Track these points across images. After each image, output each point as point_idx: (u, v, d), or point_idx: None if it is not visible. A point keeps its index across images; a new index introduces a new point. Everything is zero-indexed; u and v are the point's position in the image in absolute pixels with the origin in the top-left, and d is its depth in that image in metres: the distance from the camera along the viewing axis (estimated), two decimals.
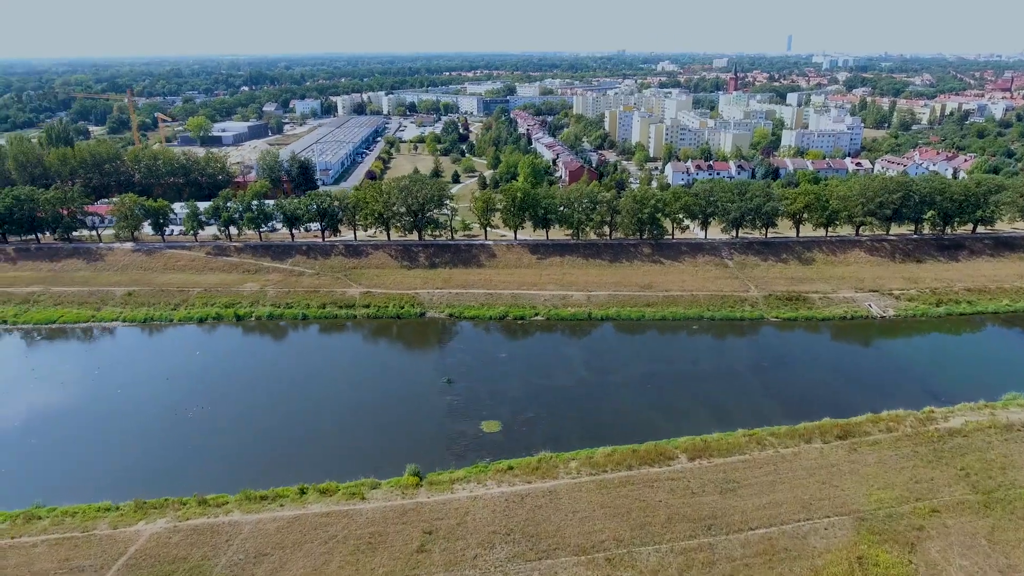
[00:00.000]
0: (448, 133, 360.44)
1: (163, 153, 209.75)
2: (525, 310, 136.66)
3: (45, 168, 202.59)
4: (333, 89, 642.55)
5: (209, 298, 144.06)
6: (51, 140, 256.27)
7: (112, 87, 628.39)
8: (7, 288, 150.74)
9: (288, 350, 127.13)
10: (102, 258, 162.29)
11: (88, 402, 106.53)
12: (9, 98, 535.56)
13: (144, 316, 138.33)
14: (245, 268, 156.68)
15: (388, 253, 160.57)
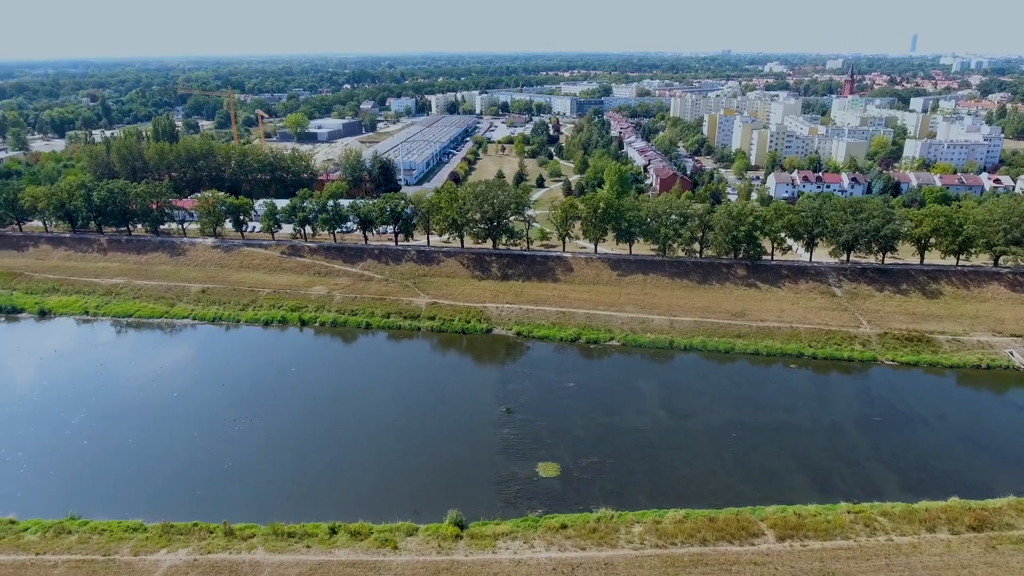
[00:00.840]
0: (537, 134, 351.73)
1: (251, 150, 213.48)
2: (600, 333, 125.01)
3: (145, 162, 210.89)
4: (429, 88, 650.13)
5: (277, 300, 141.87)
6: (157, 134, 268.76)
7: (226, 84, 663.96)
8: (94, 279, 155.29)
9: (345, 361, 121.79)
10: (184, 253, 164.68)
11: (144, 405, 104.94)
12: (135, 93, 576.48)
13: (213, 315, 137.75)
14: (316, 270, 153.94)
15: (460, 261, 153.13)
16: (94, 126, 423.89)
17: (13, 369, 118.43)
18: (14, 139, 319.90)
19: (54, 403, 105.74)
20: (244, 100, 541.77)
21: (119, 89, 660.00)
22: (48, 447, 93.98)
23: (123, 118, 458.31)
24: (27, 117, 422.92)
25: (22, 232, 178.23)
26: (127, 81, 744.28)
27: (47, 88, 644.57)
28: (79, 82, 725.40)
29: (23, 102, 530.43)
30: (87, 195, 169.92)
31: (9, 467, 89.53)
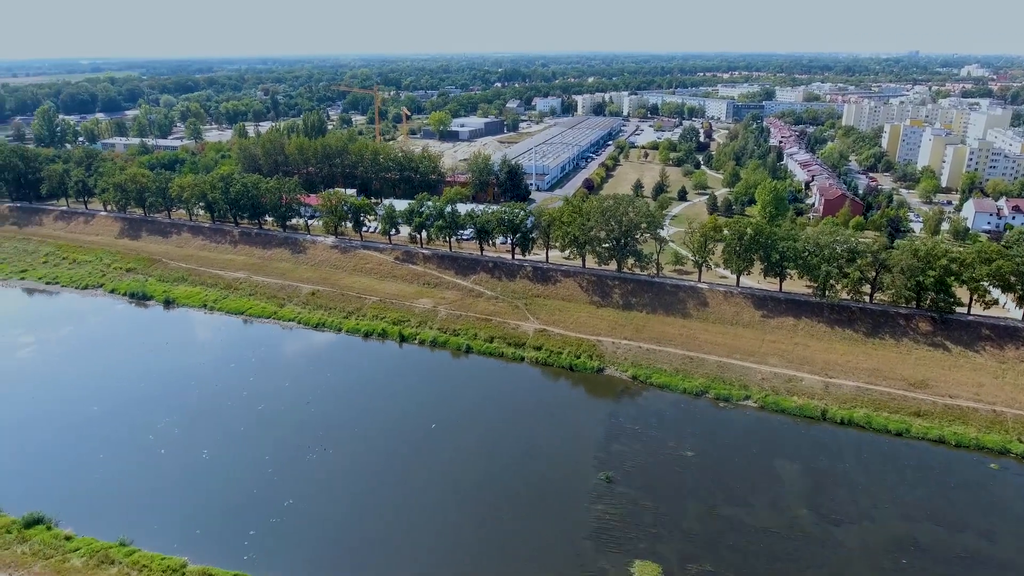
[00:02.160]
0: (685, 140, 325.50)
1: (383, 149, 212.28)
2: (733, 389, 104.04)
3: (286, 156, 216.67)
4: (577, 88, 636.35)
5: (381, 310, 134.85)
6: (306, 129, 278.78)
7: (385, 81, 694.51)
8: (220, 271, 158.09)
9: (437, 389, 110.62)
10: (304, 251, 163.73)
11: (229, 415, 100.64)
12: (303, 89, 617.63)
13: (317, 321, 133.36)
14: (426, 280, 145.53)
15: (578, 283, 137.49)
16: (263, 118, 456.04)
17: (123, 360, 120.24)
18: (190, 129, 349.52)
19: (148, 401, 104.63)
20: (398, 97, 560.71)
21: (293, 84, 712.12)
22: (127, 451, 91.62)
23: (289, 111, 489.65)
24: (208, 109, 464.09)
25: (170, 219, 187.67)
26: (300, 77, 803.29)
27: (233, 83, 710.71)
28: (261, 77, 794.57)
29: (211, 95, 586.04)
30: (225, 188, 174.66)
31: (87, 468, 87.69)
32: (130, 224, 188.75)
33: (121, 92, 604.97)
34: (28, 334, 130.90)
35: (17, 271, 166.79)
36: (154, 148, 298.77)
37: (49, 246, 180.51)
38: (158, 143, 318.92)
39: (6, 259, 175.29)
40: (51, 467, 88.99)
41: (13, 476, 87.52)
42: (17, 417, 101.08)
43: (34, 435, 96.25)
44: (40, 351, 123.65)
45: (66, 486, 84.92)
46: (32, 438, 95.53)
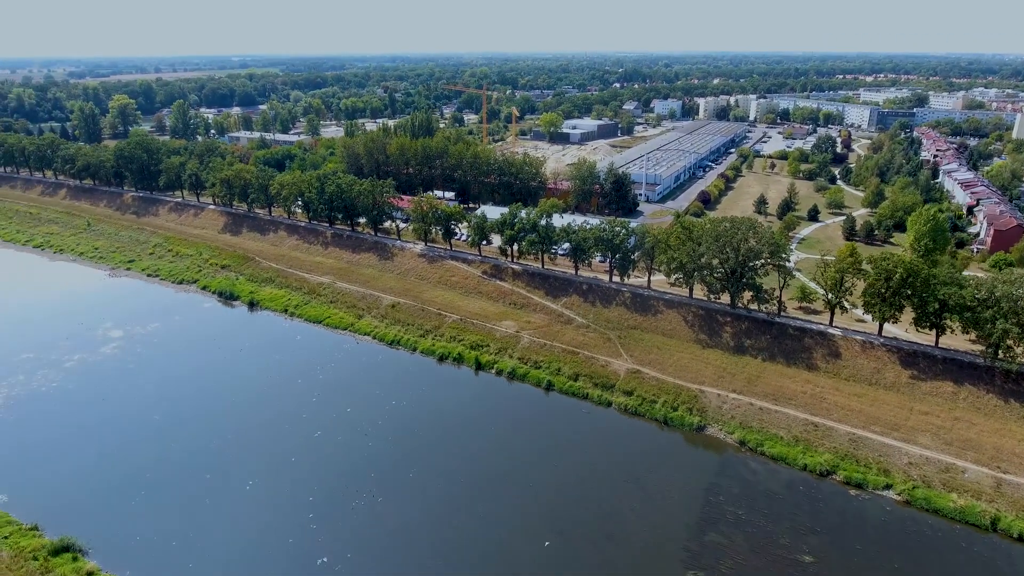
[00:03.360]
0: (820, 151, 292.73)
1: (483, 152, 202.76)
2: (869, 473, 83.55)
3: (387, 156, 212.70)
4: (700, 89, 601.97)
5: (460, 330, 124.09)
6: (414, 129, 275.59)
7: (502, 80, 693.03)
8: (307, 274, 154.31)
9: (505, 432, 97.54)
10: (392, 257, 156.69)
11: (286, 440, 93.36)
12: (422, 87, 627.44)
13: (393, 337, 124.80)
14: (512, 300, 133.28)
15: (683, 316, 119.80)
16: (379, 115, 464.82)
17: (196, 365, 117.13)
18: (308, 125, 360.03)
19: (208, 415, 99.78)
20: (513, 96, 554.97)
21: (414, 82, 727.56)
22: (174, 474, 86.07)
23: (405, 109, 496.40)
24: (330, 105, 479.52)
25: (270, 216, 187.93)
26: (422, 75, 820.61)
27: (358, 80, 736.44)
28: (385, 75, 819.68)
29: (336, 91, 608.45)
30: (320, 187, 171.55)
31: (130, 490, 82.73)
32: (233, 219, 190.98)
33: (257, 87, 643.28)
34: (118, 328, 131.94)
35: (126, 261, 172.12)
36: (272, 143, 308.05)
37: (159, 237, 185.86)
38: (277, 138, 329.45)
39: (120, 248, 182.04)
40: (97, 482, 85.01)
41: (63, 485, 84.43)
42: (81, 419, 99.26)
43: (91, 442, 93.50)
44: (123, 348, 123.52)
45: (105, 509, 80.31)
46: (88, 445, 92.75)
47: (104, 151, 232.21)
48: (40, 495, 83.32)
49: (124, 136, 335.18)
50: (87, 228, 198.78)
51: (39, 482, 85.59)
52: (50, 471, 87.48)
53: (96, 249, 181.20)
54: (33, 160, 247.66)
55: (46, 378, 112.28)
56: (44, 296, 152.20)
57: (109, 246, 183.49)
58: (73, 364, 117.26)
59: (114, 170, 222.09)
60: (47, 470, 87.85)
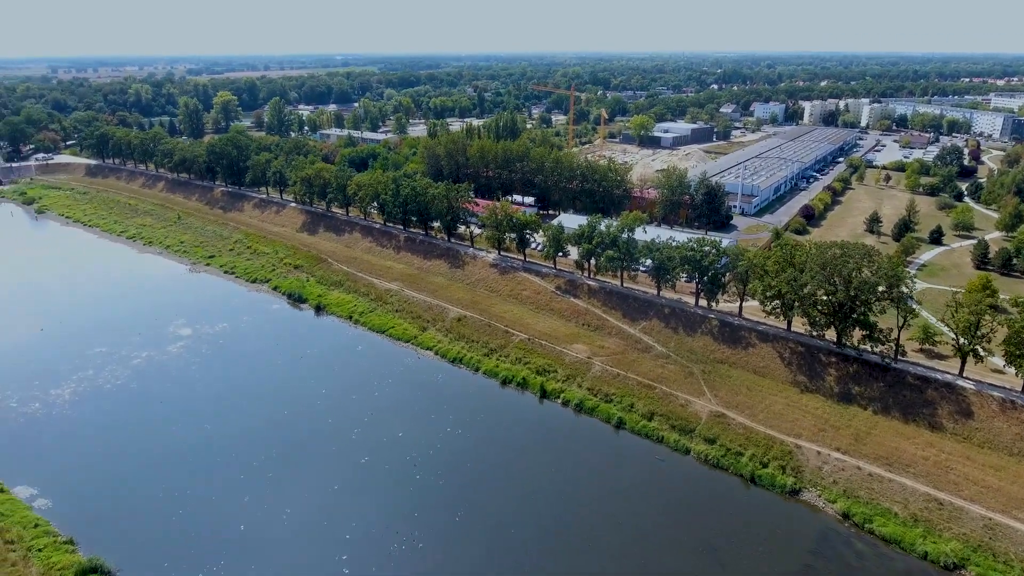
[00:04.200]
0: (943, 163, 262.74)
1: (565, 157, 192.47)
2: (1012, 573, 67.58)
3: (467, 158, 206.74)
4: (805, 92, 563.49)
5: (527, 352, 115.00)
6: (498, 130, 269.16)
7: (593, 80, 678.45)
8: (375, 279, 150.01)
9: (565, 478, 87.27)
10: (463, 265, 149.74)
11: (327, 468, 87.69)
12: (512, 87, 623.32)
13: (455, 355, 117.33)
14: (586, 320, 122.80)
15: (778, 353, 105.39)
16: (467, 115, 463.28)
17: (255, 372, 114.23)
18: (396, 124, 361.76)
19: (259, 428, 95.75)
20: (604, 97, 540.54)
21: (504, 82, 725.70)
22: (214, 493, 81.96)
23: (493, 109, 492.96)
24: (419, 104, 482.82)
25: (347, 216, 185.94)
26: (513, 74, 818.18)
27: (451, 79, 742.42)
28: (477, 74, 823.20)
29: (428, 90, 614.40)
30: (396, 190, 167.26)
31: (169, 507, 79.08)
32: (311, 218, 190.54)
33: (353, 86, 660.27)
34: (188, 326, 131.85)
35: (206, 256, 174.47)
36: (359, 141, 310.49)
37: (240, 233, 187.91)
38: (364, 136, 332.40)
39: (204, 242, 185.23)
40: (139, 497, 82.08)
41: (106, 496, 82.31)
42: (136, 423, 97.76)
43: (141, 450, 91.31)
44: (189, 348, 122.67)
45: (141, 526, 76.92)
46: (138, 454, 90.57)
47: (198, 146, 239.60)
48: (83, 503, 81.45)
49: (225, 131, 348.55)
50: (177, 221, 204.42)
51: (85, 489, 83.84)
52: (97, 478, 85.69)
53: (181, 243, 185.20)
54: (137, 153, 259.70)
55: (112, 375, 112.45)
56: (126, 289, 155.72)
57: (194, 240, 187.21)
58: (140, 362, 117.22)
59: (206, 165, 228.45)
60: (94, 476, 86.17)
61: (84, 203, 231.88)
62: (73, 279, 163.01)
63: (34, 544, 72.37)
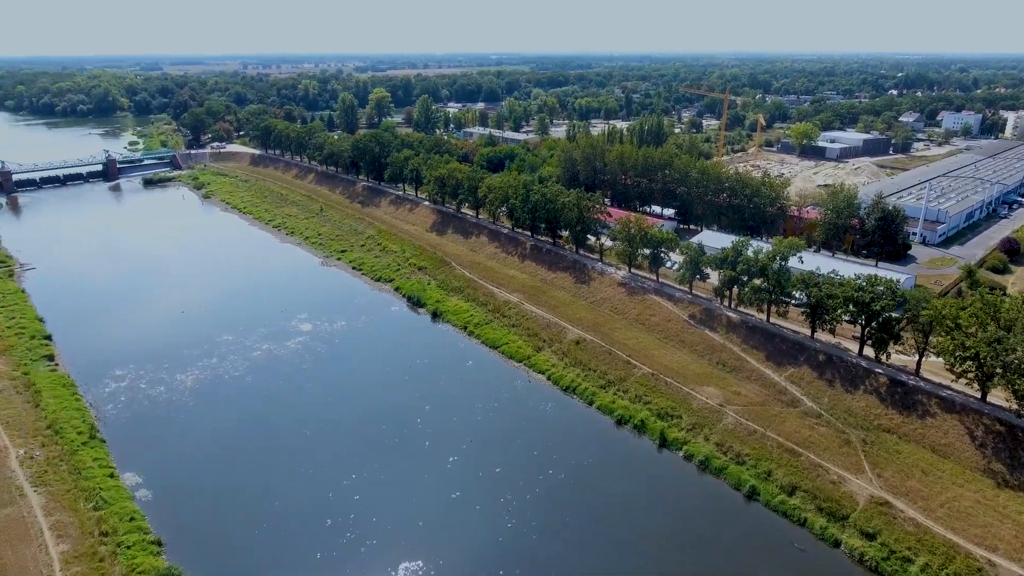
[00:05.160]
0: None
1: (713, 168, 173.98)
2: None
3: (605, 164, 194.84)
4: (1008, 100, 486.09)
5: (649, 389, 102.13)
6: (642, 134, 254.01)
7: (752, 83, 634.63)
8: (496, 287, 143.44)
9: (679, 554, 73.89)
10: (588, 281, 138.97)
11: (419, 503, 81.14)
12: (662, 88, 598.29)
13: (568, 383, 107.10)
14: (721, 358, 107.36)
15: (968, 429, 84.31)
16: (613, 117, 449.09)
17: (362, 379, 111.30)
18: (539, 124, 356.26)
19: (357, 442, 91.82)
20: (763, 101, 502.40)
21: (655, 83, 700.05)
22: (303, 508, 78.35)
23: (640, 111, 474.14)
24: (564, 104, 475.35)
25: (476, 219, 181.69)
26: (666, 75, 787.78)
27: (600, 79, 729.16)
28: (628, 75, 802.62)
29: (576, 90, 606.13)
30: (525, 195, 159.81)
31: (255, 518, 76.41)
32: (441, 218, 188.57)
33: (502, 85, 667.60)
34: (310, 322, 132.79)
35: (339, 251, 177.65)
36: (499, 140, 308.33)
37: (374, 229, 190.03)
38: (505, 135, 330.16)
39: (339, 236, 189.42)
40: (232, 501, 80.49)
41: (204, 494, 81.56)
42: (244, 419, 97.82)
43: (244, 448, 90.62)
44: (306, 345, 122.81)
45: (227, 535, 74.94)
46: (240, 452, 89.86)
47: (345, 141, 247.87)
48: (181, 500, 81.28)
49: (377, 127, 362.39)
50: (319, 213, 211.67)
51: (186, 485, 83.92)
52: (199, 475, 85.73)
53: (319, 235, 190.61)
54: (294, 146, 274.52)
55: (233, 366, 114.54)
56: (262, 278, 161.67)
57: (331, 233, 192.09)
58: (260, 355, 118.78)
59: (351, 160, 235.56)
60: (197, 472, 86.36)
61: (243, 190, 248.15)
62: (219, 263, 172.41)
63: (124, 540, 72.18)
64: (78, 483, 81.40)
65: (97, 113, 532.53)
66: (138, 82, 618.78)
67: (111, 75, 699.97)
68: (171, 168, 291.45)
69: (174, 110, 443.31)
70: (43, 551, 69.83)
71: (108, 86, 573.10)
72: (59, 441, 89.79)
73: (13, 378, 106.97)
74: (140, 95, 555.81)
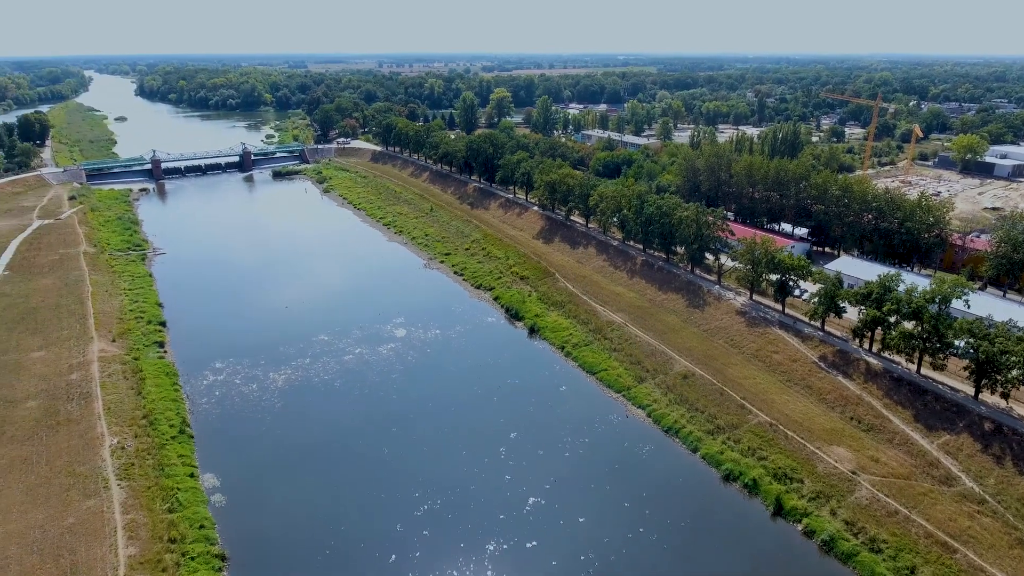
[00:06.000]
0: None
1: (857, 183, 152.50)
2: None
3: (731, 175, 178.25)
4: None
5: (766, 442, 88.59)
6: (775, 143, 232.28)
7: (906, 88, 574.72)
8: (600, 305, 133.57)
9: None
10: (702, 306, 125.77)
11: (486, 548, 73.69)
12: (800, 93, 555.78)
13: (670, 424, 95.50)
14: (856, 413, 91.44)
15: None
16: (743, 122, 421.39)
17: (448, 392, 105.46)
18: (661, 128, 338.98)
19: (431, 473, 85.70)
20: (918, 109, 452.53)
21: (793, 86, 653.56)
22: (366, 544, 73.29)
23: (774, 117, 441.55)
24: (690, 108, 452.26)
25: (586, 228, 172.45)
26: (805, 78, 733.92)
27: (731, 82, 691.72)
28: (762, 77, 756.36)
29: (704, 93, 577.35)
30: (639, 206, 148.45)
31: (327, 534, 72.28)
32: (550, 225, 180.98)
33: (627, 86, 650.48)
34: (404, 327, 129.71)
35: (443, 253, 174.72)
36: (618, 144, 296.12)
37: (480, 233, 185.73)
38: (625, 139, 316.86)
39: (445, 238, 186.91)
40: (295, 520, 77.04)
41: (274, 505, 78.75)
42: (328, 426, 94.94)
43: (318, 461, 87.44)
44: (398, 352, 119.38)
45: (286, 559, 71.11)
46: (318, 465, 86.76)
47: (460, 141, 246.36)
48: (253, 509, 79.06)
49: (495, 127, 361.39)
50: (428, 213, 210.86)
51: (261, 493, 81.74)
52: (273, 483, 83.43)
53: (426, 236, 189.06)
54: (412, 144, 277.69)
55: (325, 368, 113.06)
56: (365, 277, 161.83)
57: (437, 234, 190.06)
58: (351, 359, 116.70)
59: (464, 160, 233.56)
60: (271, 479, 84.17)
61: (361, 186, 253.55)
62: (328, 259, 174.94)
63: (190, 550, 70.36)
64: (159, 480, 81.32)
65: (244, 107, 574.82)
66: (281, 79, 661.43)
67: (259, 72, 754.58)
68: (299, 162, 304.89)
69: (308, 106, 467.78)
70: (112, 552, 69.27)
71: (255, 82, 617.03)
72: (151, 433, 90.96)
73: (124, 363, 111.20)
74: (281, 91, 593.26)
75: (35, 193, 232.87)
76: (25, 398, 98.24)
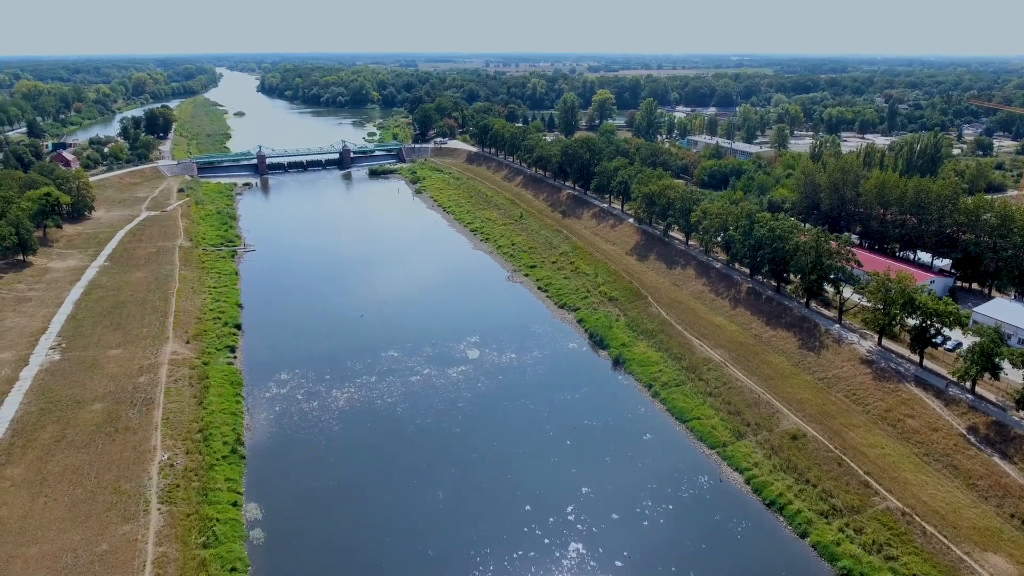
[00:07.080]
0: None
1: (1020, 211, 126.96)
2: None
3: (858, 194, 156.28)
4: None
5: (895, 535, 71.78)
6: (909, 156, 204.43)
7: None
8: (696, 337, 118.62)
9: None
10: (818, 348, 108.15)
11: None
12: (937, 98, 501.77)
13: (774, 496, 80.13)
14: (1019, 507, 72.54)
15: None
16: (870, 130, 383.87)
17: (513, 432, 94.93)
18: (775, 135, 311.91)
19: (494, 530, 75.65)
20: None
21: (930, 91, 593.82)
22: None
23: (908, 125, 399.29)
24: (810, 114, 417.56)
25: (685, 246, 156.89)
26: (944, 83, 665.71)
27: (857, 85, 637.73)
28: (893, 80, 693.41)
29: (825, 97, 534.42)
30: (748, 227, 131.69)
31: None
32: (645, 240, 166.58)
33: (739, 89, 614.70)
34: (478, 348, 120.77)
35: (528, 265, 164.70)
36: (727, 152, 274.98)
37: (569, 245, 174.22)
38: (735, 147, 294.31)
39: (532, 248, 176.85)
40: (335, 567, 69.14)
41: (316, 551, 71.46)
42: (381, 463, 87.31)
43: (361, 501, 79.68)
44: (468, 376, 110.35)
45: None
46: (356, 503, 79.04)
47: (556, 145, 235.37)
48: (289, 552, 72.16)
49: (595, 129, 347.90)
50: (518, 220, 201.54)
51: (299, 532, 75.01)
52: (316, 521, 76.64)
53: (513, 245, 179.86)
54: (507, 146, 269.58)
55: (388, 389, 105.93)
56: (442, 287, 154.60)
57: (525, 243, 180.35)
58: (418, 380, 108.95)
59: (559, 165, 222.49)
60: (315, 516, 77.53)
61: (452, 188, 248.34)
62: (410, 265, 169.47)
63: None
64: (200, 508, 76.19)
65: (352, 104, 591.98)
66: (388, 77, 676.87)
67: (369, 70, 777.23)
68: (396, 160, 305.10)
69: (411, 104, 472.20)
70: None
71: (363, 80, 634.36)
72: (203, 450, 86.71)
73: (193, 367, 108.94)
74: (388, 89, 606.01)
75: (149, 184, 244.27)
76: (93, 399, 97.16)
